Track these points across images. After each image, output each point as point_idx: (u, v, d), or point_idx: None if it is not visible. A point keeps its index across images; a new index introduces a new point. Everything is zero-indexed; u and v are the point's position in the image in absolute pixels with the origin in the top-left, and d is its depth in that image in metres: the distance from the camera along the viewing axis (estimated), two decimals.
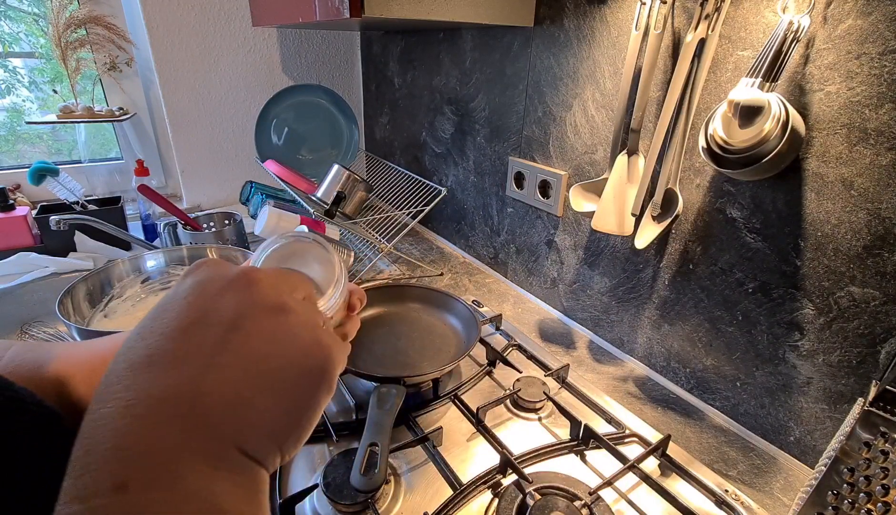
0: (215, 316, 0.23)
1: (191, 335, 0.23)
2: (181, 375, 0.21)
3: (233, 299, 0.24)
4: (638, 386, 0.76)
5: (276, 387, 0.23)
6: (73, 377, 0.37)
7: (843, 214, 0.52)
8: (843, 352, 0.55)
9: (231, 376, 0.22)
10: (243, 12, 1.23)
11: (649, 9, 0.63)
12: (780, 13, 0.52)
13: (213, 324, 0.23)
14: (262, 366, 0.23)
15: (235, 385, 0.22)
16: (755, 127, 0.51)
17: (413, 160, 1.31)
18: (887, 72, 0.47)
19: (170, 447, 0.19)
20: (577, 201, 0.77)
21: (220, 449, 0.21)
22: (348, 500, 0.51)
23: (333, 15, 0.71)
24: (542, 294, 0.98)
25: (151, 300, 0.83)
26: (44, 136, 1.30)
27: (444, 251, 1.22)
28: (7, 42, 1.16)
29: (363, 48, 1.42)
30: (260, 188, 1.16)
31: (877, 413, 0.45)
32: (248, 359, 0.23)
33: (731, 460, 0.62)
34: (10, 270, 0.98)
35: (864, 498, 0.43)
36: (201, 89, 1.26)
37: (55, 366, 0.37)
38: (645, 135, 0.70)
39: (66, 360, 0.38)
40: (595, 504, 0.52)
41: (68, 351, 0.39)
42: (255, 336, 0.24)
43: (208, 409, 0.21)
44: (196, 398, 0.21)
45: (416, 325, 0.80)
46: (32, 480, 0.22)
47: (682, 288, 0.70)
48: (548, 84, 0.84)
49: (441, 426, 0.62)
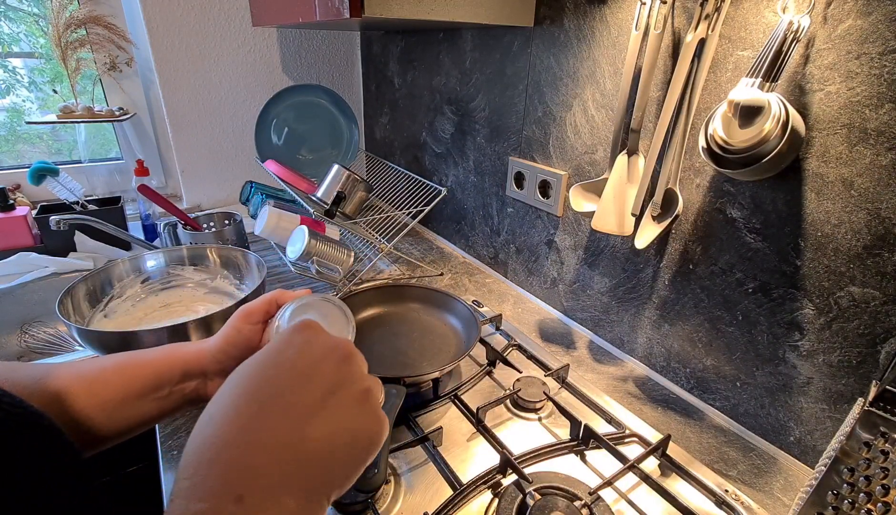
0: (318, 379, 0.29)
1: (302, 389, 0.28)
2: (293, 421, 0.27)
3: (333, 367, 0.30)
4: (638, 386, 0.76)
5: (352, 449, 0.29)
6: (74, 391, 0.38)
7: (843, 214, 0.52)
8: (843, 352, 0.55)
9: (326, 431, 0.27)
10: (243, 12, 1.23)
11: (649, 9, 0.63)
12: (780, 13, 0.52)
13: (318, 384, 0.29)
14: (349, 429, 0.28)
15: (329, 440, 0.27)
16: (755, 127, 0.51)
17: (413, 160, 1.31)
18: (887, 72, 0.47)
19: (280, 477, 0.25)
20: (577, 201, 0.77)
21: (311, 488, 0.26)
22: (348, 500, 0.51)
23: (333, 15, 0.71)
24: (542, 294, 0.98)
25: (151, 300, 0.84)
26: (44, 136, 1.30)
27: (444, 251, 1.22)
28: (7, 42, 1.16)
29: (363, 48, 1.42)
30: (260, 188, 1.16)
31: (877, 413, 0.45)
32: (338, 422, 0.28)
33: (731, 460, 0.62)
34: (10, 270, 0.98)
35: (864, 498, 0.43)
36: (201, 89, 1.26)
37: (54, 382, 0.38)
38: (645, 135, 0.70)
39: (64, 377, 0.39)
40: (595, 504, 0.52)
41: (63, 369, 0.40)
42: (346, 404, 0.29)
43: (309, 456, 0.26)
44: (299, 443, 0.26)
45: (416, 325, 0.80)
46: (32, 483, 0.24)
47: (682, 288, 0.70)
48: (548, 84, 0.84)
49: (441, 426, 0.62)
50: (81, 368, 0.41)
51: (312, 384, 0.29)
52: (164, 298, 0.85)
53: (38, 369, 0.39)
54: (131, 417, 0.41)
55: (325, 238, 0.93)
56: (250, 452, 0.25)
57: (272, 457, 0.25)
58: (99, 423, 0.39)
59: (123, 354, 0.44)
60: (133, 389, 0.41)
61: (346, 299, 0.80)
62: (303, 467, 0.26)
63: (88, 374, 0.40)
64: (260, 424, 0.26)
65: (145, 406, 0.42)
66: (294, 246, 0.91)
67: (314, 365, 0.29)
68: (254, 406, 0.27)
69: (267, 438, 0.25)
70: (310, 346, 0.30)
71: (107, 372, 0.41)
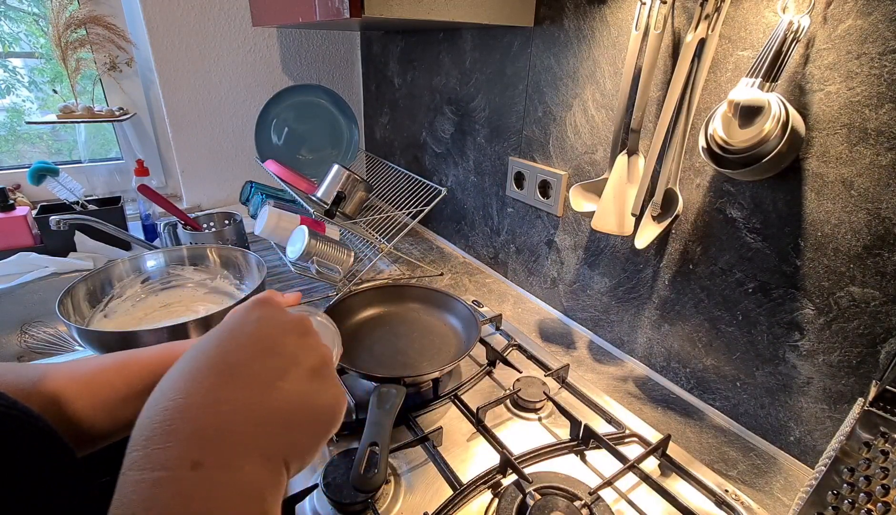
0: (281, 349, 0.30)
1: (263, 360, 0.28)
2: (254, 389, 0.27)
3: (294, 339, 0.31)
4: (638, 386, 0.76)
5: (313, 419, 0.29)
6: (69, 393, 0.38)
7: (843, 214, 0.52)
8: (843, 352, 0.55)
9: (287, 399, 0.28)
10: (243, 12, 1.23)
11: (649, 9, 0.63)
12: (780, 13, 0.52)
13: (279, 355, 0.29)
14: (309, 400, 0.29)
15: (290, 409, 0.28)
16: (755, 127, 0.51)
17: (413, 160, 1.31)
18: (887, 72, 0.47)
19: (238, 443, 0.24)
20: (577, 201, 0.77)
21: (271, 455, 0.26)
22: (348, 500, 0.51)
23: (333, 15, 0.71)
24: (542, 294, 0.98)
25: (151, 300, 0.84)
26: (44, 136, 1.30)
27: (444, 251, 1.22)
28: (7, 42, 1.16)
29: (363, 48, 1.42)
30: (260, 188, 1.16)
31: (877, 413, 0.45)
32: (300, 393, 0.29)
33: (731, 460, 0.62)
34: (10, 270, 0.98)
35: (864, 498, 0.43)
36: (201, 89, 1.26)
37: (49, 384, 0.38)
38: (645, 135, 0.70)
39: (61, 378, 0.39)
40: (595, 504, 0.52)
41: (60, 370, 0.40)
42: (308, 376, 0.30)
43: (271, 422, 0.26)
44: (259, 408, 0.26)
45: (416, 325, 0.80)
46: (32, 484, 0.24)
47: (682, 288, 0.70)
48: (548, 84, 0.84)
49: (441, 426, 0.62)
50: (80, 367, 0.41)
51: (274, 355, 0.29)
52: (164, 298, 0.85)
53: (35, 369, 0.39)
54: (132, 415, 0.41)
55: (325, 238, 0.93)
56: (207, 417, 0.24)
57: (230, 421, 0.25)
58: (100, 422, 0.39)
59: (123, 353, 0.44)
60: (134, 387, 0.41)
61: (346, 299, 0.80)
62: (262, 430, 0.26)
63: (88, 373, 0.41)
64: (218, 393, 0.25)
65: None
66: (294, 246, 0.91)
67: (275, 338, 0.30)
68: (212, 378, 0.26)
69: (226, 405, 0.25)
70: (270, 320, 0.31)
71: (107, 372, 0.41)
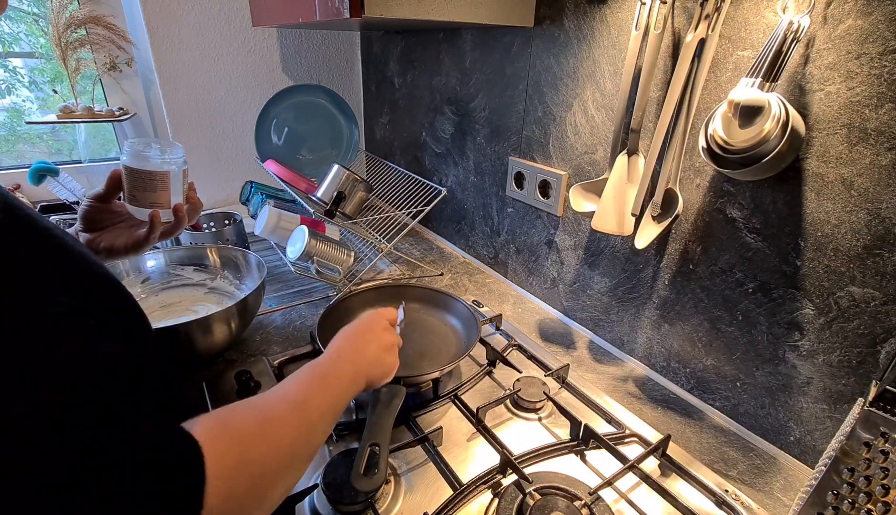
0: (374, 335, 0.57)
1: (367, 337, 0.56)
2: (360, 358, 0.53)
3: (380, 330, 0.58)
4: (638, 386, 0.76)
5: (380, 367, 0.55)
6: None
7: (843, 214, 0.52)
8: (843, 352, 0.55)
9: (372, 354, 0.55)
10: (243, 12, 1.23)
11: (649, 9, 0.63)
12: (780, 13, 0.52)
13: (374, 338, 0.56)
14: (381, 358, 0.56)
15: (372, 359, 0.54)
16: (755, 127, 0.51)
17: (413, 160, 1.31)
18: (887, 72, 0.47)
19: (347, 361, 0.52)
20: (577, 200, 0.77)
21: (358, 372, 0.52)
22: (348, 500, 0.51)
23: (333, 15, 0.72)
24: (542, 294, 0.98)
25: (152, 300, 0.84)
26: (44, 136, 1.30)
27: (444, 251, 1.22)
28: (7, 42, 1.16)
29: (363, 48, 1.42)
30: (260, 188, 1.16)
31: (877, 413, 0.45)
32: (377, 354, 0.55)
33: (731, 460, 0.62)
34: None
35: (864, 498, 0.43)
36: (201, 89, 1.26)
37: None
38: (645, 135, 0.70)
39: None
40: (595, 504, 0.52)
41: None
42: (383, 348, 0.56)
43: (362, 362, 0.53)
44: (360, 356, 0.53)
45: (416, 325, 0.80)
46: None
47: (682, 288, 0.70)
48: (548, 84, 0.84)
49: (441, 426, 0.62)
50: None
51: (372, 337, 0.56)
52: (164, 298, 0.85)
53: None
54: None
55: (325, 238, 0.93)
56: (342, 353, 0.53)
57: (348, 356, 0.52)
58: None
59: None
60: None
61: (346, 299, 0.80)
62: (358, 362, 0.52)
63: None
64: (346, 346, 0.54)
65: None
66: (294, 246, 0.91)
67: (373, 329, 0.57)
68: (346, 342, 0.55)
69: (353, 354, 0.53)
70: (374, 319, 0.59)
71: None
